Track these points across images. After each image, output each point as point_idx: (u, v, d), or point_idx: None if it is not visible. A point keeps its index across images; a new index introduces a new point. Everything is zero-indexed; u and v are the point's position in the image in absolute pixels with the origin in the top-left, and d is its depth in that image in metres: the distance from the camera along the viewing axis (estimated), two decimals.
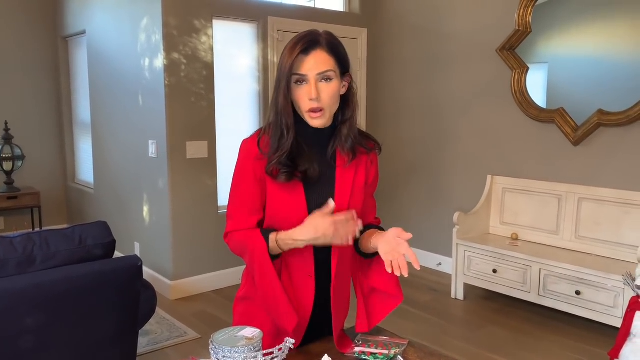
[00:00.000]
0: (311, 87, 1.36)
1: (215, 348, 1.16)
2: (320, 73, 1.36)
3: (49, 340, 2.07)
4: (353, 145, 1.47)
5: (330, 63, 1.38)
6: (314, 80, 1.36)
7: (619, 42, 3.61)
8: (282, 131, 1.40)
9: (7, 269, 2.03)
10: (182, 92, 4.01)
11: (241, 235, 1.47)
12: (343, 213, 1.39)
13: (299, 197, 1.44)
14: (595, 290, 3.34)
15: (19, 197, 5.23)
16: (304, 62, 1.36)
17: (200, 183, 4.17)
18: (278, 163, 1.40)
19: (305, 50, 1.36)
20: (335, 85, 1.40)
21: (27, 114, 5.58)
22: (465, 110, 4.50)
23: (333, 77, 1.38)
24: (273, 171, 1.41)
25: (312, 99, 1.37)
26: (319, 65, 1.36)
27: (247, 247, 1.44)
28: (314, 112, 1.39)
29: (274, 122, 1.42)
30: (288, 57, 1.36)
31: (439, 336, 3.46)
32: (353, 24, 5.06)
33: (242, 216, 1.48)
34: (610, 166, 3.69)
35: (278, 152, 1.40)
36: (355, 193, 1.49)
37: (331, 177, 1.48)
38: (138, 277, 2.29)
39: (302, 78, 1.37)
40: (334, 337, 1.50)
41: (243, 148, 1.48)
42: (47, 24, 5.65)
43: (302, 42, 1.36)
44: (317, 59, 1.36)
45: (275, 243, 1.40)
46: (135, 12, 4.21)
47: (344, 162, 1.47)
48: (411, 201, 5.02)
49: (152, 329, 3.51)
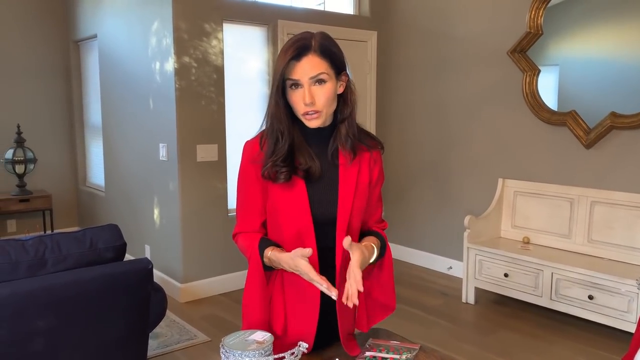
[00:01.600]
0: (305, 92, 1.37)
1: (226, 352, 1.15)
2: (312, 77, 1.37)
3: (59, 343, 2.07)
4: (353, 144, 1.47)
5: (322, 66, 1.38)
6: (307, 85, 1.37)
7: (631, 44, 3.57)
8: (277, 136, 1.42)
9: (19, 271, 2.04)
10: (192, 96, 4.02)
11: (244, 240, 1.50)
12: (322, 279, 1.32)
13: (302, 196, 1.44)
14: (609, 295, 3.30)
15: (30, 200, 5.27)
16: (296, 67, 1.37)
17: (210, 186, 4.18)
18: (272, 166, 1.42)
19: (297, 56, 1.37)
20: (329, 87, 1.40)
21: (39, 118, 5.63)
22: (476, 112, 4.48)
23: (327, 79, 1.39)
24: (270, 174, 1.43)
25: (306, 103, 1.38)
26: (311, 70, 1.37)
27: (246, 254, 1.49)
28: (310, 115, 1.40)
29: (269, 127, 1.44)
30: (280, 62, 1.37)
31: (450, 340, 3.44)
32: (363, 27, 5.05)
33: (246, 218, 1.52)
34: (623, 169, 3.65)
35: (272, 157, 1.42)
36: (359, 192, 1.49)
37: (334, 175, 1.48)
38: (148, 280, 2.30)
39: (296, 82, 1.38)
40: (341, 339, 1.49)
41: (245, 150, 1.51)
42: (59, 28, 5.70)
43: (293, 48, 1.37)
44: (309, 64, 1.37)
45: (267, 259, 1.44)
46: (146, 16, 4.24)
47: (347, 160, 1.47)
48: (421, 204, 5.00)
49: (162, 331, 3.52)
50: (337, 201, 1.46)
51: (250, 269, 1.46)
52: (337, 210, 1.46)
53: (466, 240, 4.03)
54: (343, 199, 1.46)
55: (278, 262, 1.40)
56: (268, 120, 1.45)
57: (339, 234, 1.45)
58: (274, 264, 1.43)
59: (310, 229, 1.44)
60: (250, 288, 1.47)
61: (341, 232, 1.45)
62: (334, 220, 1.46)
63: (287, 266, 1.38)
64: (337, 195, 1.46)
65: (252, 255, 1.45)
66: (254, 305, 1.47)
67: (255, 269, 1.44)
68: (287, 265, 1.38)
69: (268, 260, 1.43)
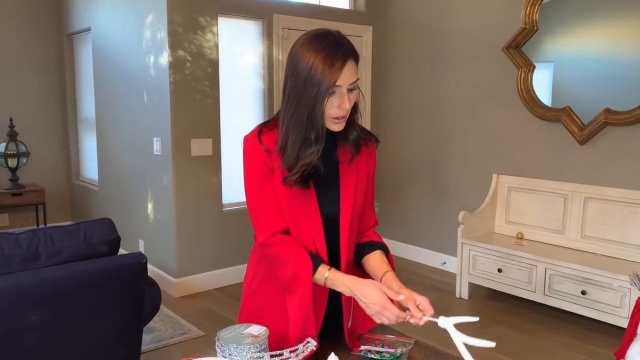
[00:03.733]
0: (344, 98, 1.34)
1: (222, 345, 1.15)
2: (352, 83, 1.35)
3: (53, 337, 2.06)
4: (357, 140, 1.47)
5: (357, 72, 1.37)
6: (345, 91, 1.35)
7: (626, 41, 3.58)
8: (311, 142, 1.36)
9: (12, 265, 2.03)
10: (187, 90, 4.00)
11: (286, 251, 1.41)
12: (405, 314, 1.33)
13: (311, 194, 1.43)
14: (601, 290, 3.32)
15: (23, 193, 5.24)
16: (341, 73, 1.32)
17: (205, 180, 4.16)
18: (301, 175, 1.37)
19: (343, 63, 1.32)
20: (357, 93, 1.40)
21: (32, 111, 5.59)
22: (471, 108, 4.49)
23: (357, 85, 1.39)
24: (295, 183, 1.38)
25: (346, 109, 1.36)
26: (351, 76, 1.34)
27: (290, 266, 1.40)
28: (340, 119, 1.38)
29: (299, 131, 1.36)
30: (328, 68, 1.30)
31: (444, 335, 3.44)
32: (358, 21, 5.04)
33: (271, 218, 1.43)
34: (616, 165, 3.66)
35: (300, 163, 1.36)
36: (359, 188, 1.50)
37: (335, 173, 1.48)
38: (142, 274, 2.29)
39: (336, 89, 1.34)
40: (345, 334, 1.50)
41: (250, 146, 1.43)
42: (52, 21, 5.66)
43: (340, 54, 1.32)
44: (350, 70, 1.34)
45: (323, 277, 1.38)
46: (141, 9, 4.21)
47: (347, 158, 1.48)
48: (416, 200, 5.00)
49: (156, 326, 3.51)
50: (340, 198, 1.47)
51: (299, 287, 1.38)
52: (340, 206, 1.47)
53: (460, 235, 4.04)
54: (345, 195, 1.47)
55: (344, 285, 1.36)
56: (299, 124, 1.36)
57: (342, 229, 1.47)
58: (326, 284, 1.39)
59: (320, 227, 1.45)
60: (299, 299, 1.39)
61: (345, 228, 1.47)
62: (336, 216, 1.47)
63: (363, 297, 1.33)
64: (339, 192, 1.47)
65: (301, 272, 1.37)
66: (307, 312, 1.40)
67: (308, 288, 1.37)
68: (362, 297, 1.33)
69: (324, 280, 1.38)
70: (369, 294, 1.32)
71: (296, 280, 1.38)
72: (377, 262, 1.51)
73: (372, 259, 1.53)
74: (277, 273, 1.44)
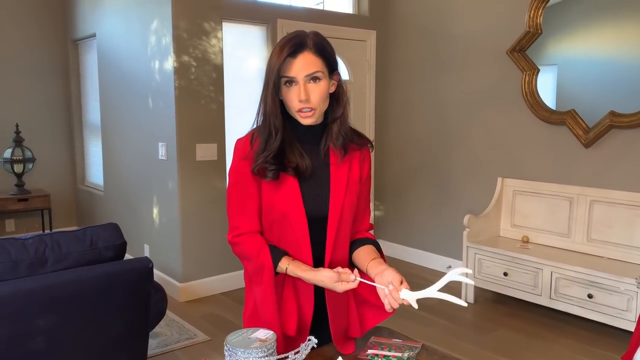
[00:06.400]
0: (300, 89, 1.39)
1: (229, 350, 1.16)
2: (308, 74, 1.39)
3: (59, 342, 2.07)
4: (344, 142, 1.49)
5: (318, 64, 1.40)
6: (302, 82, 1.39)
7: (631, 43, 3.58)
8: (270, 132, 1.42)
9: (19, 270, 2.04)
10: (191, 95, 4.02)
11: (249, 247, 1.47)
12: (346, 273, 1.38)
13: (295, 194, 1.45)
14: (608, 294, 3.31)
15: (29, 199, 5.26)
16: (292, 64, 1.38)
17: (210, 185, 4.17)
18: (263, 162, 1.42)
19: (293, 53, 1.38)
20: (324, 85, 1.42)
21: (37, 117, 5.62)
22: (475, 112, 4.48)
23: (321, 77, 1.41)
24: (260, 171, 1.43)
25: (301, 100, 1.39)
26: (307, 67, 1.38)
27: (253, 261, 1.46)
28: (304, 112, 1.41)
29: (262, 123, 1.45)
30: (276, 59, 1.39)
31: (450, 339, 3.44)
32: (362, 26, 5.05)
33: (244, 217, 1.49)
34: (622, 168, 3.65)
35: (264, 152, 1.42)
36: (350, 190, 1.50)
37: (325, 173, 1.49)
38: (149, 279, 2.29)
39: (291, 80, 1.39)
40: (332, 338, 1.49)
41: (237, 147, 1.51)
42: (58, 27, 5.69)
43: (289, 45, 1.38)
44: (305, 61, 1.38)
45: (284, 270, 1.44)
46: (145, 15, 4.23)
47: (337, 159, 1.49)
48: (420, 203, 5.00)
49: (161, 330, 3.52)
50: (329, 198, 1.48)
51: (263, 280, 1.44)
52: (329, 206, 1.47)
53: (465, 239, 4.04)
54: (335, 195, 1.48)
55: (297, 275, 1.42)
56: (260, 118, 1.46)
57: (330, 229, 1.47)
58: (288, 274, 1.44)
59: (304, 226, 1.46)
60: (265, 299, 1.45)
61: (332, 228, 1.47)
62: (325, 216, 1.48)
63: (311, 281, 1.41)
64: (329, 192, 1.48)
65: (263, 267, 1.43)
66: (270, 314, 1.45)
67: (270, 281, 1.43)
68: (311, 281, 1.40)
69: (284, 272, 1.44)
70: (321, 275, 1.38)
71: (259, 274, 1.45)
72: (364, 253, 1.52)
73: (362, 251, 1.53)
74: (244, 267, 1.52)
